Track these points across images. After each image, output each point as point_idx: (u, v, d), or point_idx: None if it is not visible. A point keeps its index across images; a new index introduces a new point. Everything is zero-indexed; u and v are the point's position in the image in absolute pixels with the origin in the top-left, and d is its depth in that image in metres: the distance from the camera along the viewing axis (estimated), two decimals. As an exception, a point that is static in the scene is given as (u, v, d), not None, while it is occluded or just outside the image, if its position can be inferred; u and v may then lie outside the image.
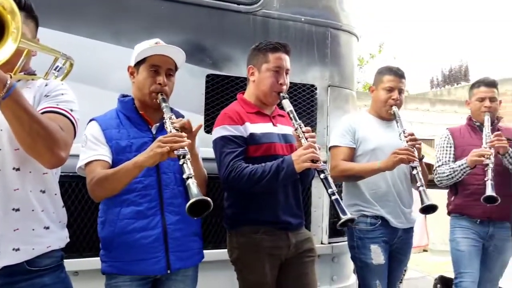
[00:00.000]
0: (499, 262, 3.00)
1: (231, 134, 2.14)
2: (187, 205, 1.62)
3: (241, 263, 2.21)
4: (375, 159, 2.59)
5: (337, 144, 2.68)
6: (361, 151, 2.65)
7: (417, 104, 10.06)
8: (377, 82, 2.76)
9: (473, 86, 3.17)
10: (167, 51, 2.04)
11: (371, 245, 2.57)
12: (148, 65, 2.01)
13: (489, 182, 2.70)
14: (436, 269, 4.80)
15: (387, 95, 2.68)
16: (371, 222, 2.60)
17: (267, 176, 2.04)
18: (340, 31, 3.13)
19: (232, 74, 2.78)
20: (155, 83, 2.00)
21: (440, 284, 3.68)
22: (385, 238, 2.60)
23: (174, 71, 2.09)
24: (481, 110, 3.02)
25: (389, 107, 2.67)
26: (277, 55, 2.23)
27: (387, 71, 2.74)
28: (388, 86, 2.68)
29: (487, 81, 3.09)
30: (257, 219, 2.17)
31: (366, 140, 2.65)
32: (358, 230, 2.62)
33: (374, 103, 2.79)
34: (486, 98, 3.02)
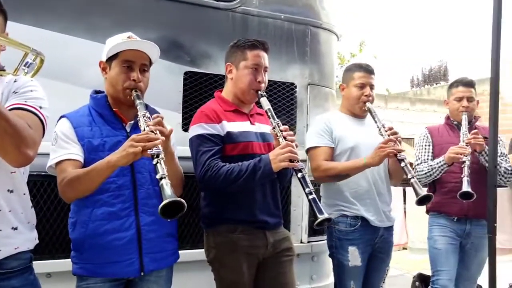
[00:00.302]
0: (477, 260, 3.03)
1: (207, 132, 2.11)
2: (160, 207, 1.58)
3: (218, 263, 2.18)
4: (354, 157, 2.57)
5: (315, 145, 2.63)
6: (339, 150, 2.62)
7: (398, 103, 10.16)
8: (347, 79, 2.72)
9: (452, 86, 3.20)
10: (141, 45, 1.98)
11: (349, 246, 2.55)
12: (121, 60, 1.95)
13: (465, 178, 2.73)
14: (415, 267, 4.84)
15: (360, 91, 2.65)
16: (351, 223, 2.56)
17: (244, 175, 2.02)
18: (320, 29, 3.11)
19: (210, 72, 2.75)
20: (128, 79, 1.94)
21: (419, 282, 3.70)
22: (364, 239, 2.57)
23: (148, 66, 2.03)
24: (459, 109, 3.05)
25: (362, 104, 2.65)
26: (255, 52, 2.21)
27: (356, 68, 2.72)
28: (359, 83, 2.65)
29: (465, 81, 3.12)
30: (234, 218, 2.14)
31: (343, 139, 2.62)
32: (337, 231, 2.59)
33: (346, 101, 2.75)
34: (464, 98, 3.05)
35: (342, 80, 2.79)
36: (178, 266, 2.13)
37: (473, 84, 3.13)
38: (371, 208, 2.58)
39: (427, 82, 23.37)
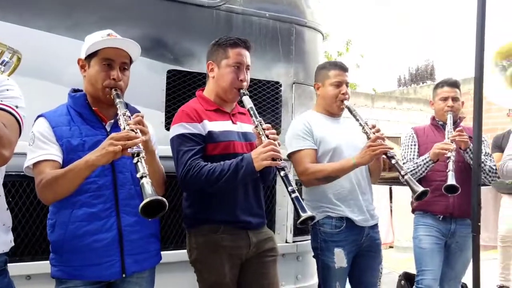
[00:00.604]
0: (461, 259, 3.03)
1: (188, 132, 2.08)
2: (140, 206, 1.55)
3: (200, 263, 2.15)
4: (337, 158, 2.54)
5: (299, 148, 2.55)
6: (321, 152, 2.57)
7: (384, 102, 10.21)
8: (322, 78, 2.66)
9: (437, 86, 3.21)
10: (121, 44, 1.94)
11: (335, 248, 2.51)
12: (101, 58, 1.91)
13: (450, 173, 2.73)
14: (401, 266, 4.86)
15: (336, 90, 2.60)
16: (336, 225, 2.53)
17: (226, 174, 1.99)
18: (305, 27, 3.10)
19: (194, 70, 2.71)
20: (108, 77, 1.90)
21: (404, 280, 3.71)
22: (350, 240, 2.55)
23: (128, 64, 1.99)
24: (444, 109, 3.05)
25: (340, 102, 2.61)
26: (237, 50, 2.18)
27: (331, 66, 2.68)
28: (335, 81, 2.60)
29: (450, 81, 3.13)
30: (216, 218, 2.11)
31: (324, 140, 2.57)
32: (323, 232, 2.54)
33: (322, 100, 2.68)
34: (449, 98, 3.06)
35: (316, 79, 2.73)
36: (161, 267, 2.10)
37: (458, 84, 3.14)
38: (356, 208, 2.55)
39: (414, 81, 23.55)
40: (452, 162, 2.77)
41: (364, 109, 9.18)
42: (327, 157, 2.55)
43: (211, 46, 2.26)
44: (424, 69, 25.22)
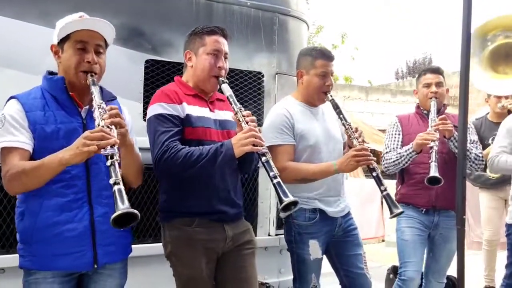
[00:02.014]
0: (446, 251, 3.00)
1: (167, 112, 2.02)
2: (111, 218, 1.53)
3: (175, 257, 2.10)
4: (316, 155, 2.49)
5: (279, 143, 2.46)
6: (300, 147, 2.50)
7: (379, 95, 10.16)
8: (308, 66, 2.54)
9: (420, 74, 3.17)
10: (94, 25, 1.86)
11: (310, 240, 2.48)
12: (74, 41, 1.83)
13: (433, 163, 2.69)
14: (391, 259, 4.83)
15: (322, 81, 2.52)
16: (309, 217, 2.49)
17: (204, 159, 1.93)
18: (288, 17, 3.04)
19: (173, 60, 2.66)
20: (82, 61, 1.82)
21: (392, 274, 3.69)
22: (324, 231, 2.52)
23: (104, 47, 1.91)
24: (428, 95, 3.01)
25: (323, 94, 2.53)
26: (214, 38, 2.12)
27: (318, 54, 2.55)
28: (321, 72, 2.51)
29: (433, 68, 3.13)
30: (190, 211, 2.06)
31: (304, 136, 2.49)
32: (296, 225, 2.50)
33: (305, 90, 2.57)
34: (432, 84, 3.01)
35: (300, 65, 2.60)
36: (138, 260, 2.07)
37: (441, 71, 3.10)
38: (329, 200, 2.52)
39: (412, 74, 23.50)
40: (435, 152, 2.73)
41: (358, 102, 9.14)
42: (305, 154, 2.50)
43: (188, 36, 2.21)
44: (421, 61, 25.17)
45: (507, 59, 3.48)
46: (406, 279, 2.87)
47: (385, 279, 3.81)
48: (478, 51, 3.46)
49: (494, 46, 3.47)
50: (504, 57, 3.48)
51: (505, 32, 3.44)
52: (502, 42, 3.46)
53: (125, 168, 1.86)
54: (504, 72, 3.52)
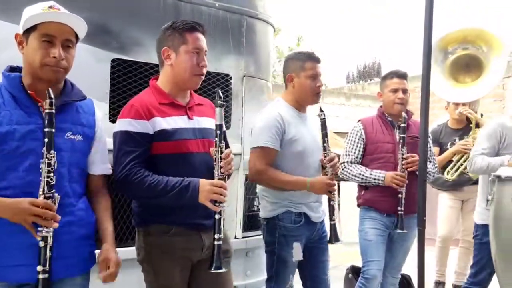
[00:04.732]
0: (403, 248, 3.11)
1: (134, 130, 1.93)
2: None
3: (148, 264, 2.03)
4: (305, 160, 2.55)
5: (267, 146, 2.49)
6: (289, 152, 2.54)
7: (334, 98, 10.39)
8: (298, 69, 2.59)
9: (386, 77, 3.15)
10: (65, 18, 1.74)
11: (294, 242, 2.53)
12: (40, 34, 1.70)
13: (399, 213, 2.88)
14: (348, 259, 4.92)
15: (313, 82, 2.58)
16: (295, 220, 2.54)
17: (167, 195, 1.89)
18: (256, 19, 3.04)
19: (140, 60, 2.58)
20: (48, 55, 1.70)
21: (351, 273, 3.76)
22: (306, 235, 2.59)
23: (73, 42, 1.79)
24: (394, 101, 3.03)
25: (316, 96, 2.62)
26: (195, 35, 2.04)
27: (306, 57, 2.62)
28: (312, 74, 2.58)
29: (400, 73, 3.10)
30: (168, 219, 1.99)
31: (296, 140, 2.54)
32: (282, 227, 2.54)
33: (297, 92, 2.61)
34: (399, 90, 3.03)
35: (289, 69, 2.64)
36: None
37: (407, 76, 3.12)
38: (312, 206, 2.60)
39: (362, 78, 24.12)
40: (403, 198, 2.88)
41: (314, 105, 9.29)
42: (294, 159, 2.54)
43: (163, 31, 2.09)
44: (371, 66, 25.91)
45: (466, 69, 3.72)
46: (369, 277, 2.95)
47: (344, 279, 3.88)
48: (440, 62, 3.66)
49: (455, 57, 3.71)
50: (464, 68, 3.72)
51: (462, 45, 3.70)
52: (461, 54, 3.70)
53: None
54: (464, 81, 3.78)
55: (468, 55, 3.75)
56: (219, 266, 1.92)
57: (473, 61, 3.76)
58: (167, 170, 1.95)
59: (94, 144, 1.87)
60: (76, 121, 1.81)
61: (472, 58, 3.77)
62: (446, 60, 3.76)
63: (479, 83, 3.74)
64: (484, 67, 3.72)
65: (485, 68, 3.71)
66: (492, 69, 3.66)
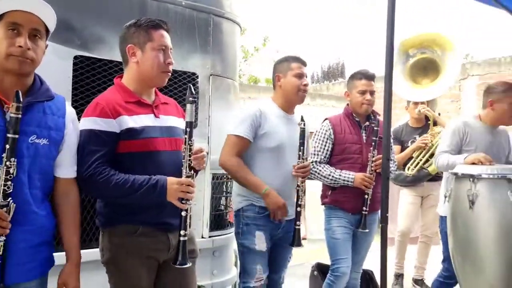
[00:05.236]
0: (365, 243, 3.17)
1: (99, 129, 1.89)
2: None
3: (114, 265, 1.99)
4: (280, 158, 2.61)
5: (241, 135, 2.60)
6: (263, 146, 2.62)
7: (299, 98, 10.48)
8: (285, 69, 2.75)
9: (354, 77, 3.14)
10: (31, 6, 1.67)
11: (256, 231, 2.61)
12: (6, 22, 1.64)
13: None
14: (313, 257, 4.99)
15: (299, 81, 2.71)
16: (258, 211, 2.63)
17: (134, 194, 1.86)
18: (223, 18, 3.04)
19: (104, 57, 2.53)
20: (13, 45, 1.63)
21: (317, 271, 3.81)
22: (270, 227, 2.65)
23: (42, 33, 1.72)
24: (362, 103, 3.06)
25: (302, 93, 2.73)
26: (160, 32, 2.03)
27: (293, 59, 2.79)
28: (298, 73, 2.72)
29: (368, 74, 3.11)
30: (135, 219, 1.96)
31: (268, 136, 2.62)
32: (245, 217, 2.64)
33: (283, 91, 2.74)
34: (368, 92, 3.06)
35: (277, 71, 2.79)
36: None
37: (375, 77, 3.17)
38: None
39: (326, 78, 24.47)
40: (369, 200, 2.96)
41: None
42: (266, 154, 2.62)
43: (127, 28, 2.05)
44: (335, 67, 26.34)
45: (424, 71, 3.98)
46: (339, 274, 2.99)
47: (310, 276, 3.92)
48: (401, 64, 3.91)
49: (414, 61, 3.96)
50: (423, 70, 3.98)
51: (420, 49, 3.96)
52: (420, 57, 3.96)
53: None
54: (422, 82, 4.02)
55: (425, 58, 3.99)
56: (184, 262, 1.91)
57: (430, 64, 3.99)
58: (134, 168, 1.92)
59: (63, 146, 1.81)
60: (43, 123, 1.71)
61: (429, 62, 4.01)
62: (407, 62, 4.00)
63: (436, 84, 3.97)
64: (440, 69, 3.95)
65: (441, 70, 3.94)
66: (447, 71, 3.89)
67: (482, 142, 3.06)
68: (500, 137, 3.17)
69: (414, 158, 4.13)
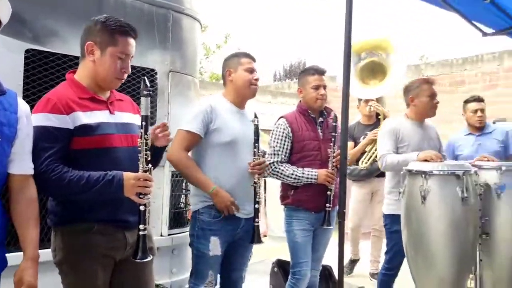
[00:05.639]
0: (324, 240, 3.16)
1: (52, 125, 1.83)
2: None
3: (67, 265, 1.93)
4: (228, 152, 2.57)
5: (192, 131, 2.55)
6: (216, 142, 2.57)
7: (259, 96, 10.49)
8: (235, 65, 2.71)
9: (306, 73, 3.12)
10: None
11: (211, 237, 2.54)
12: None
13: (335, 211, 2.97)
14: (274, 253, 5.02)
15: (250, 75, 2.69)
16: (215, 214, 2.56)
17: (90, 190, 1.82)
18: (183, 15, 3.01)
19: (57, 51, 2.46)
20: None
21: (277, 267, 3.85)
22: (227, 229, 2.59)
23: None
24: (317, 98, 3.05)
25: (253, 88, 2.71)
26: (126, 40, 1.96)
27: (244, 55, 2.77)
28: (248, 67, 2.70)
29: (320, 69, 3.09)
30: (90, 216, 1.91)
31: (222, 131, 2.58)
32: (201, 220, 2.57)
33: (234, 86, 2.70)
34: (321, 86, 3.06)
35: (227, 66, 2.75)
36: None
37: (325, 72, 3.15)
38: (238, 202, 2.59)
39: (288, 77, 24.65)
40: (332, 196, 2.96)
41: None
42: (219, 149, 2.57)
43: (93, 24, 1.96)
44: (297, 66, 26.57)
45: (372, 73, 4.31)
46: (300, 277, 3.00)
47: (270, 272, 3.96)
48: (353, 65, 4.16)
49: (364, 63, 4.30)
50: (371, 71, 4.31)
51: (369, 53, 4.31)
52: (368, 60, 4.32)
53: None
54: (371, 83, 4.34)
55: (373, 61, 4.31)
56: (145, 256, 1.88)
57: (377, 67, 4.31)
58: (89, 165, 1.87)
59: (16, 142, 1.74)
60: None
61: (376, 64, 4.32)
62: (357, 64, 4.29)
63: (383, 84, 4.28)
64: (386, 71, 4.27)
65: (387, 72, 4.27)
66: (392, 72, 4.23)
67: (413, 138, 3.20)
68: (429, 132, 3.32)
69: (367, 152, 4.31)
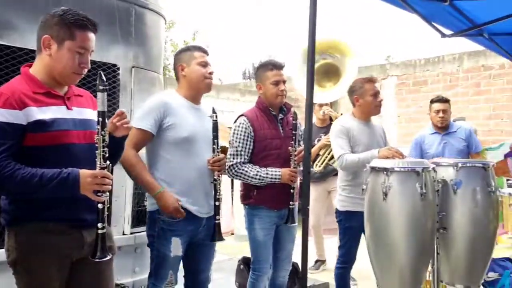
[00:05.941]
0: (291, 237, 3.14)
1: (4, 121, 1.76)
2: None
3: (21, 265, 1.87)
4: (186, 149, 2.52)
5: (143, 128, 2.47)
6: (171, 139, 2.50)
7: (229, 94, 10.48)
8: (188, 59, 2.63)
9: (264, 68, 3.02)
10: None
11: (173, 237, 2.49)
12: None
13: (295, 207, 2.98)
14: (240, 251, 5.05)
15: (204, 69, 2.62)
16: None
17: (44, 188, 1.77)
18: (146, 10, 2.97)
19: (13, 44, 2.37)
20: None
21: (243, 265, 3.87)
22: (188, 230, 2.54)
23: None
24: (277, 94, 2.99)
25: (208, 81, 2.63)
26: (85, 34, 1.91)
27: (196, 49, 2.69)
28: (201, 61, 2.62)
29: (278, 63, 3.01)
30: (45, 215, 1.85)
31: (177, 127, 2.51)
32: (161, 221, 2.50)
33: (188, 81, 2.62)
34: (281, 81, 3.01)
35: (179, 61, 2.66)
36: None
37: (284, 66, 3.09)
38: (198, 201, 2.55)
39: (257, 75, 24.55)
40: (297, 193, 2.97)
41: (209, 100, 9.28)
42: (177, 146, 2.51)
43: (50, 17, 1.90)
44: (266, 64, 26.52)
45: (326, 75, 4.32)
46: (260, 274, 3.00)
47: (236, 270, 3.97)
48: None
49: (317, 66, 4.11)
50: (325, 74, 4.32)
51: (322, 55, 4.26)
52: (322, 63, 4.29)
53: None
54: (325, 85, 4.36)
55: (327, 63, 4.32)
56: (104, 255, 1.85)
57: (331, 68, 4.32)
58: (45, 162, 1.82)
59: None
60: None
61: (330, 66, 4.33)
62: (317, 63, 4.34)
63: (338, 86, 4.28)
64: (341, 73, 4.28)
65: (342, 73, 4.27)
66: (347, 74, 4.21)
67: (363, 135, 3.28)
68: (376, 130, 3.43)
69: (321, 156, 4.36)
